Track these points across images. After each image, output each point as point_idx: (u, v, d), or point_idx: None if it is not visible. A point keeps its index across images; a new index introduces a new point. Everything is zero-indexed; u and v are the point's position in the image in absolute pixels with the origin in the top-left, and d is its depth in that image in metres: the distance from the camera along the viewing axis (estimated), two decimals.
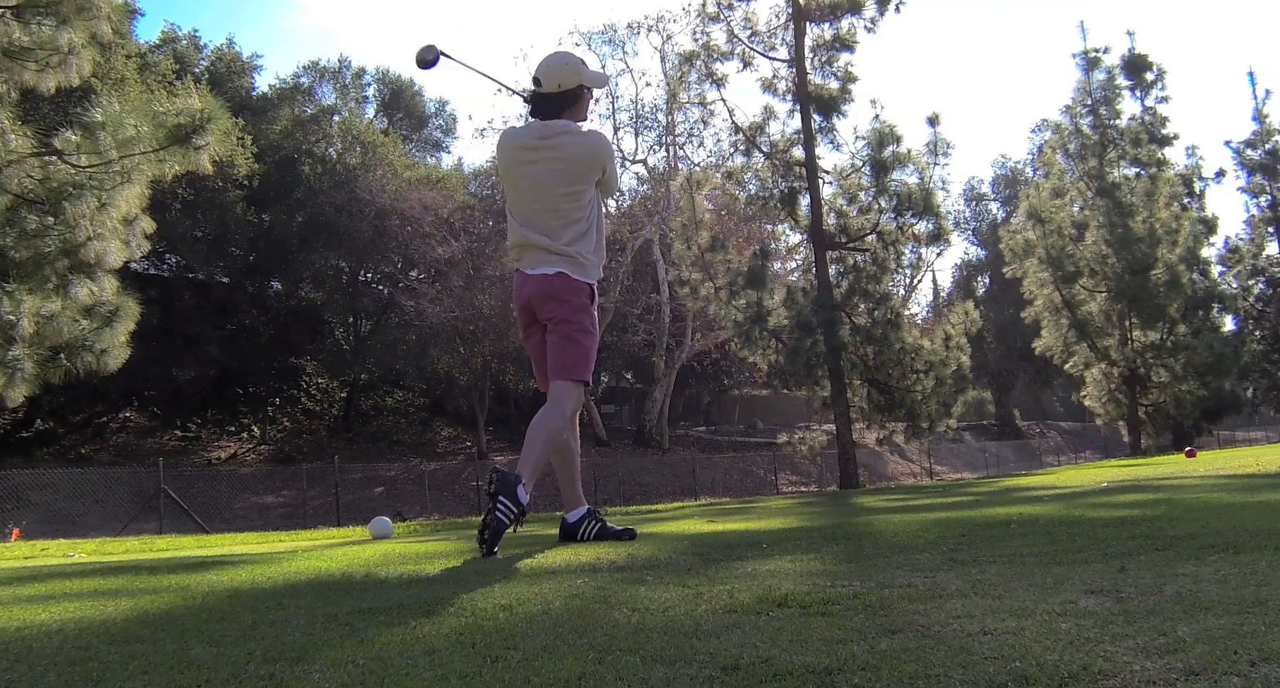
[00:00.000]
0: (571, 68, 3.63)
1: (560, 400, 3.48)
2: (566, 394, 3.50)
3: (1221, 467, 8.03)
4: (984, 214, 45.75)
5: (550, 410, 3.45)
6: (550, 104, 3.60)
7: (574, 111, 3.64)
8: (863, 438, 18.49)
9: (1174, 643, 1.30)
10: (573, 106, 3.62)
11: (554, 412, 3.45)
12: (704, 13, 17.16)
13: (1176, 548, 2.38)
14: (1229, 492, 4.46)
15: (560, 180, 3.54)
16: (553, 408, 3.46)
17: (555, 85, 3.58)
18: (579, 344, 3.55)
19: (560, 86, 3.58)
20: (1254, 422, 41.20)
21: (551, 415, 3.44)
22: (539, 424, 3.41)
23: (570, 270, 3.56)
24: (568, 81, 3.59)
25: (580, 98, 3.63)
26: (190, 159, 8.36)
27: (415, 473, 23.54)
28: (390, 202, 27.39)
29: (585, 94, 3.66)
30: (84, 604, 2.53)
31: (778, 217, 17.51)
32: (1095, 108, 23.83)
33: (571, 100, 3.61)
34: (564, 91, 3.59)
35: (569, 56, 3.72)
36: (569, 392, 3.51)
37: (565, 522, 3.71)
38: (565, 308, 3.56)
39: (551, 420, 3.42)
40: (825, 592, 1.95)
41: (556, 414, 3.44)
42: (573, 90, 3.60)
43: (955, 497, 6.61)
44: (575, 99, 3.62)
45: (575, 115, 3.64)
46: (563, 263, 3.56)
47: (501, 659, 1.47)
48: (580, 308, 3.57)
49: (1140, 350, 23.15)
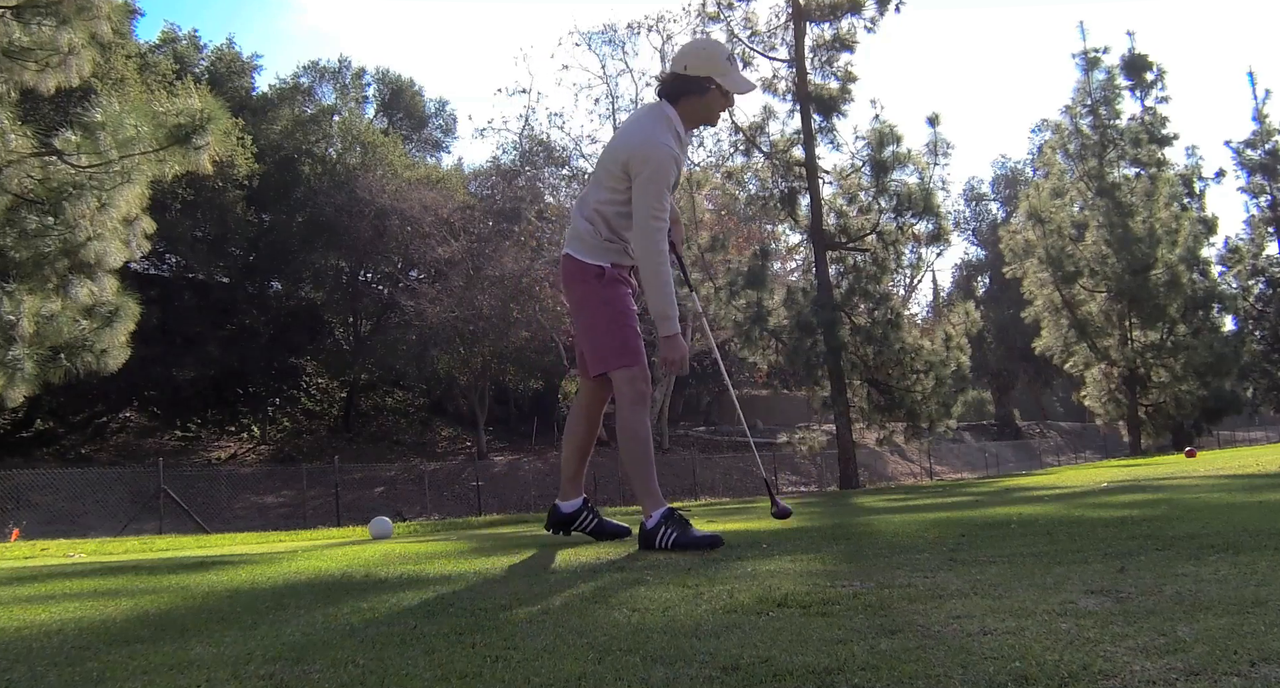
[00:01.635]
0: (706, 55, 3.25)
1: (618, 398, 3.26)
2: (617, 389, 3.25)
3: (1221, 467, 8.04)
4: (984, 214, 45.77)
5: (618, 413, 3.24)
6: (669, 84, 3.27)
7: (693, 104, 3.24)
8: (863, 438, 18.50)
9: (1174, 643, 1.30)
10: (691, 96, 3.22)
11: (619, 413, 3.24)
12: (704, 13, 17.16)
13: (1176, 548, 2.38)
14: (1229, 492, 4.46)
15: (602, 160, 3.32)
16: (618, 410, 3.25)
17: (681, 66, 3.23)
18: (593, 332, 3.32)
19: (686, 69, 3.21)
20: (1254, 422, 41.18)
21: (620, 418, 3.22)
22: (619, 433, 3.21)
23: (576, 251, 3.31)
24: (696, 67, 3.21)
25: (705, 91, 3.21)
26: (190, 159, 8.36)
27: (415, 473, 23.54)
28: (390, 202, 27.39)
29: (712, 90, 3.22)
30: (84, 604, 2.53)
31: (778, 217, 17.52)
32: (1095, 108, 23.83)
33: (691, 88, 3.22)
34: (688, 76, 3.21)
35: (715, 46, 3.41)
36: (618, 384, 3.23)
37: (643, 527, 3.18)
38: (571, 294, 3.39)
39: (622, 423, 3.20)
40: (825, 592, 1.95)
41: (622, 413, 3.22)
42: (697, 79, 3.20)
43: (955, 497, 6.61)
44: (697, 90, 3.21)
45: (695, 110, 3.25)
46: (573, 242, 3.33)
47: (501, 659, 1.47)
48: (588, 293, 3.28)
49: (1140, 350, 23.14)
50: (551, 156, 29.09)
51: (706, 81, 3.20)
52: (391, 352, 27.73)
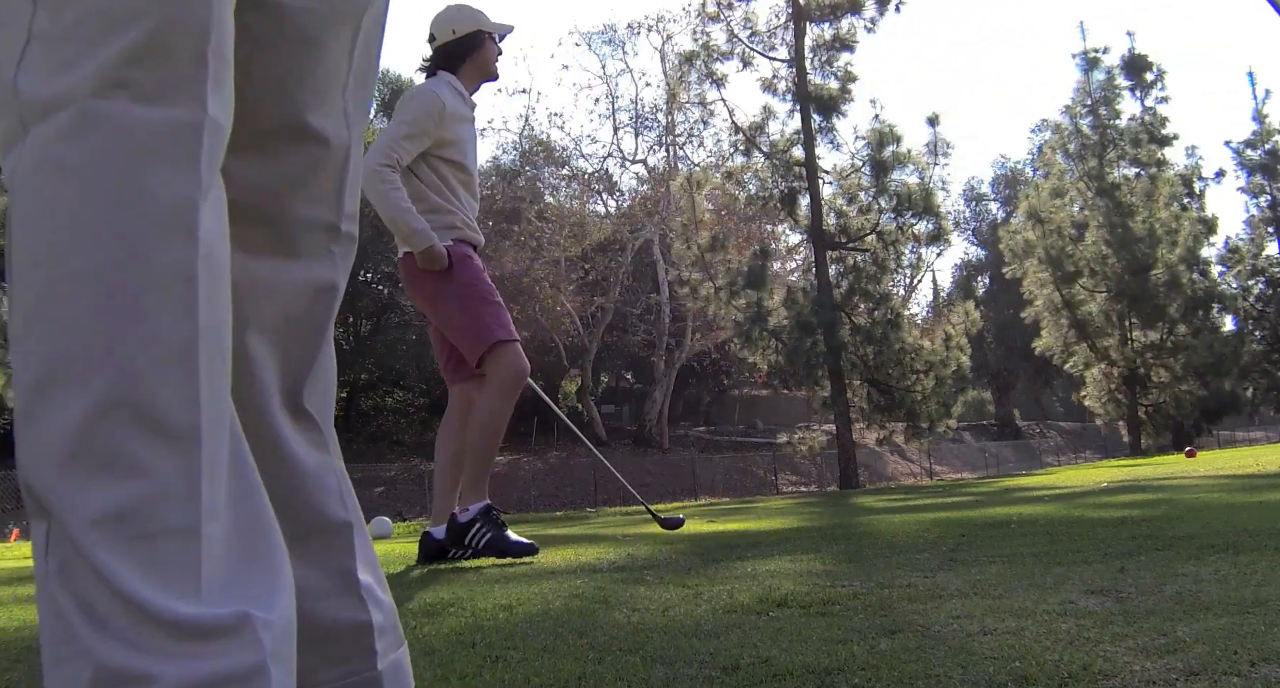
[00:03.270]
0: (467, 13, 3.26)
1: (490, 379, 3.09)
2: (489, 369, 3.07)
3: (1221, 467, 8.04)
4: (984, 214, 45.78)
5: (485, 396, 3.09)
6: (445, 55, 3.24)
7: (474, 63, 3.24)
8: (863, 438, 18.52)
9: (1174, 643, 1.30)
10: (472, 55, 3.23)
11: (487, 395, 3.08)
12: (704, 13, 17.19)
13: (1176, 548, 2.38)
14: (1229, 492, 4.46)
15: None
16: (486, 392, 3.09)
17: (450, 32, 3.22)
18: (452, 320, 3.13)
19: (455, 33, 3.22)
20: (1254, 422, 41.17)
21: (485, 401, 3.08)
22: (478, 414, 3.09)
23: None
24: (464, 27, 3.23)
25: (482, 44, 3.24)
26: None
27: (415, 473, 23.53)
28: None
29: (487, 40, 3.25)
30: None
31: (778, 217, 17.54)
32: (1095, 108, 23.84)
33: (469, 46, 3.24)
34: (462, 38, 3.23)
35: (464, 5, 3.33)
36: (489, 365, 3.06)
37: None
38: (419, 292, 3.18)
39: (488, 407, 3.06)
40: (825, 592, 1.95)
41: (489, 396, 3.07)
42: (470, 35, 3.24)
43: (955, 497, 6.61)
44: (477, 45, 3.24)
45: (476, 68, 3.25)
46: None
47: (501, 659, 1.47)
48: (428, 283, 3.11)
49: (1140, 350, 23.16)
50: (551, 157, 29.08)
51: (480, 35, 3.23)
52: (391, 352, 27.73)
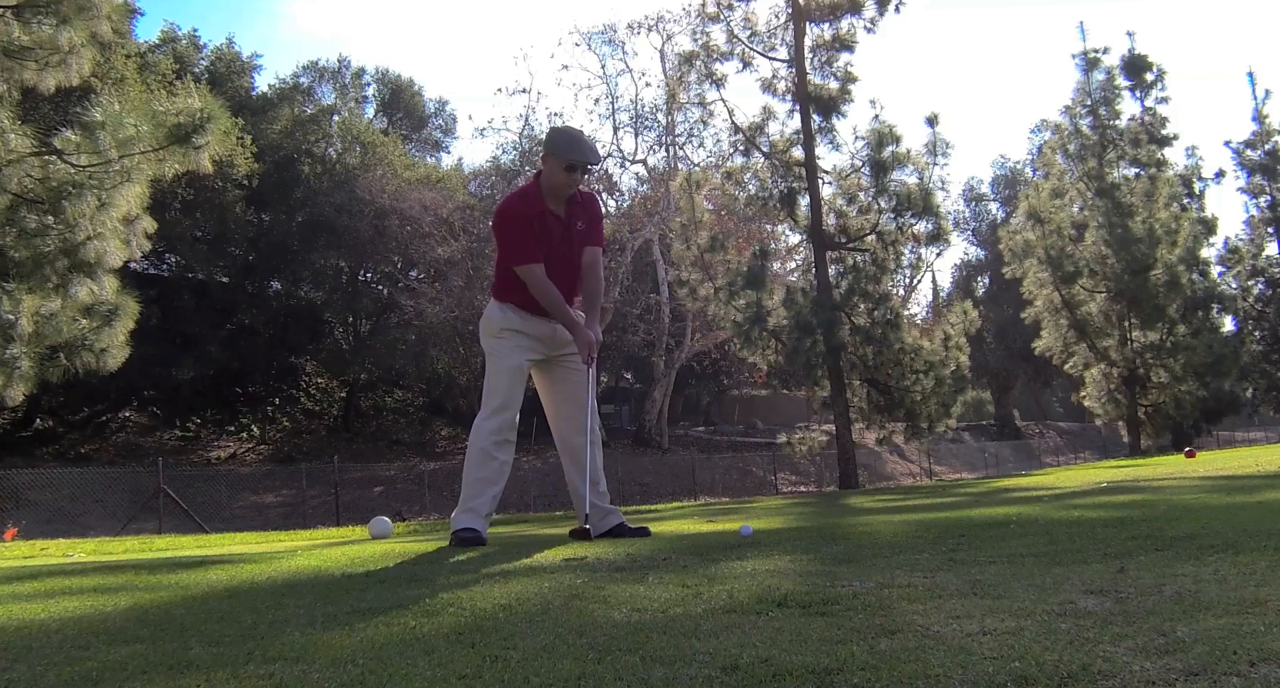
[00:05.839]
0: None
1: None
2: None
3: (1221, 467, 8.03)
4: (984, 214, 45.71)
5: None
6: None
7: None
8: (862, 438, 18.50)
9: (1174, 643, 1.30)
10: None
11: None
12: (704, 13, 17.14)
13: (1176, 548, 2.38)
14: (1229, 492, 4.45)
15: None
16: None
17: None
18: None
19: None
20: (1254, 422, 41.17)
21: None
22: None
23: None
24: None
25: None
26: (190, 159, 8.35)
27: (415, 473, 23.52)
28: (390, 201, 27.37)
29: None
30: (83, 604, 2.53)
31: (777, 217, 17.51)
32: (1095, 108, 23.82)
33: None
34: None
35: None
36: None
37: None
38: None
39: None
40: (825, 592, 1.95)
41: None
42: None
43: (955, 497, 6.61)
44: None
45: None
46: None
47: (501, 659, 1.47)
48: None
49: (1140, 351, 23.14)
50: None
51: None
52: (391, 351, 27.72)
